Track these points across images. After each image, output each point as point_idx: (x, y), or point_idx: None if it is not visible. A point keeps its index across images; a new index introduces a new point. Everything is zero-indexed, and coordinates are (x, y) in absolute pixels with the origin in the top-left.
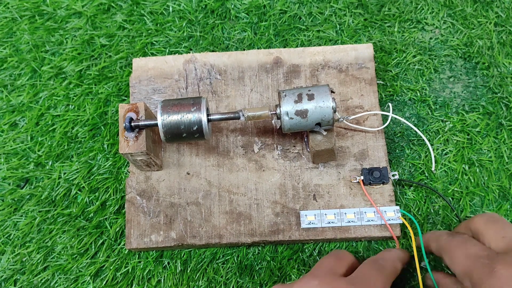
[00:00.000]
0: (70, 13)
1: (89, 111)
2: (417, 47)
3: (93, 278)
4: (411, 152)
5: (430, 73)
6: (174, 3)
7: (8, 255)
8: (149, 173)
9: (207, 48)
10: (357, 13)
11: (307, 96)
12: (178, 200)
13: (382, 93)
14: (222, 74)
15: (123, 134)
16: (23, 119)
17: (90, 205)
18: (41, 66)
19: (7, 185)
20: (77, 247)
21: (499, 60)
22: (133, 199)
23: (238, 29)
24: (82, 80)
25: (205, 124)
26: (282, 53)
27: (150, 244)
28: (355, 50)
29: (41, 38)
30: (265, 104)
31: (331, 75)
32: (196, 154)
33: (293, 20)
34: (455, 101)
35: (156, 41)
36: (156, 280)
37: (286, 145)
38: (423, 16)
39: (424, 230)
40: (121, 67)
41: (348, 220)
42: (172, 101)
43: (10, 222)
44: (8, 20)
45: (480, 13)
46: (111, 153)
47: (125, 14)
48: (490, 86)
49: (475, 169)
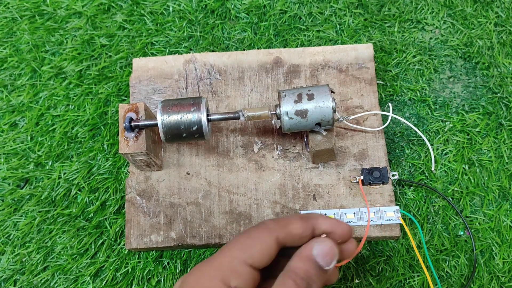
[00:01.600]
0: (70, 13)
1: (89, 111)
2: (417, 47)
3: (93, 278)
4: (411, 152)
5: (430, 73)
6: (174, 3)
7: (8, 255)
8: (149, 173)
9: (207, 48)
10: (357, 13)
11: (307, 96)
12: (178, 200)
13: (382, 93)
14: (222, 74)
15: (123, 134)
16: (23, 119)
17: (90, 205)
18: (41, 66)
19: (7, 185)
20: (77, 247)
21: (499, 60)
22: (133, 199)
23: (238, 29)
24: (82, 80)
25: (205, 124)
26: (282, 53)
27: (150, 244)
28: (355, 50)
29: (41, 38)
30: (265, 104)
31: (331, 75)
32: (196, 154)
33: (293, 20)
34: (455, 101)
35: (156, 41)
36: (156, 280)
37: (286, 145)
38: (423, 16)
39: (424, 230)
40: (121, 67)
41: (348, 220)
42: (172, 101)
43: (10, 222)
44: (8, 20)
45: (480, 13)
46: (111, 153)
47: (125, 14)
48: (490, 86)
49: (475, 169)
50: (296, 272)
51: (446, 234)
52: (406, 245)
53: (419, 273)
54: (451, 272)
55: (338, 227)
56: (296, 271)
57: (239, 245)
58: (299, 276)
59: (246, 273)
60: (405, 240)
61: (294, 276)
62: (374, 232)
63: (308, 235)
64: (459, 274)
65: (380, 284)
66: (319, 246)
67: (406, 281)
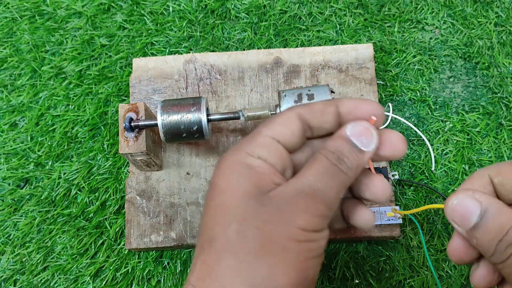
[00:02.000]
0: (70, 13)
1: (89, 111)
2: (417, 47)
3: (93, 278)
4: (411, 152)
5: (430, 73)
6: (174, 3)
7: (8, 255)
8: (149, 173)
9: (207, 48)
10: (357, 13)
11: (307, 96)
12: (178, 200)
13: (382, 93)
14: (222, 74)
15: (123, 134)
16: (23, 119)
17: (90, 205)
18: (41, 66)
19: (7, 185)
20: (77, 247)
21: (499, 60)
22: (133, 199)
23: (238, 29)
24: (82, 80)
25: (205, 124)
26: (282, 53)
27: (150, 244)
28: (355, 50)
29: (41, 38)
30: (265, 104)
31: (331, 75)
32: (196, 154)
33: (293, 20)
34: (455, 101)
35: (156, 41)
36: (156, 280)
37: None
38: (423, 16)
39: (424, 229)
40: (121, 67)
41: None
42: (172, 101)
43: (10, 222)
44: (8, 20)
45: (480, 13)
46: (111, 153)
47: (125, 14)
48: (490, 86)
49: (475, 169)
50: (328, 149)
51: (446, 234)
52: (406, 245)
53: (419, 273)
54: (451, 272)
55: (364, 103)
56: (328, 148)
57: (265, 123)
58: (329, 151)
59: (269, 144)
60: (405, 240)
61: (324, 151)
62: (374, 232)
63: (332, 112)
64: (459, 274)
65: (380, 284)
66: (353, 126)
67: (406, 281)
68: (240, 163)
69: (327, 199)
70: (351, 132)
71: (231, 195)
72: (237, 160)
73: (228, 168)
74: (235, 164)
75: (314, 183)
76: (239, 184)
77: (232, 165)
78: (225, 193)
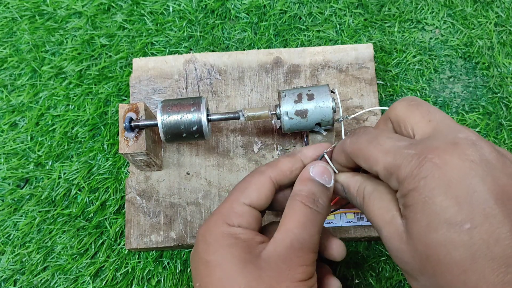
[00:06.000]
0: (70, 13)
1: (89, 111)
2: (417, 47)
3: (93, 278)
4: None
5: (430, 73)
6: (174, 3)
7: (8, 255)
8: (149, 173)
9: (207, 48)
10: (357, 13)
11: (307, 96)
12: (178, 200)
13: (382, 93)
14: (222, 74)
15: (123, 134)
16: (23, 119)
17: (90, 205)
18: (41, 66)
19: (7, 185)
20: (77, 247)
21: (499, 60)
22: (133, 199)
23: (238, 29)
24: (82, 80)
25: (205, 124)
26: (282, 53)
27: (150, 244)
28: (355, 50)
29: (41, 38)
30: (265, 104)
31: (331, 75)
32: (196, 154)
33: (293, 20)
34: (455, 101)
35: (156, 41)
36: (156, 280)
37: (286, 145)
38: (423, 16)
39: None
40: (121, 67)
41: (348, 220)
42: (172, 101)
43: (10, 222)
44: (8, 20)
45: (480, 13)
46: (111, 153)
47: (125, 14)
48: (490, 86)
49: None
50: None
51: None
52: None
53: None
54: None
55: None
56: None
57: (237, 189)
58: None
59: (246, 212)
60: None
61: (299, 197)
62: (374, 232)
63: (298, 168)
64: None
65: (380, 284)
66: (314, 167)
67: (406, 281)
68: (225, 235)
69: (314, 246)
70: (314, 173)
71: (228, 267)
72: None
73: (216, 242)
74: (221, 237)
75: (300, 235)
76: (233, 255)
77: (218, 238)
78: (222, 266)
